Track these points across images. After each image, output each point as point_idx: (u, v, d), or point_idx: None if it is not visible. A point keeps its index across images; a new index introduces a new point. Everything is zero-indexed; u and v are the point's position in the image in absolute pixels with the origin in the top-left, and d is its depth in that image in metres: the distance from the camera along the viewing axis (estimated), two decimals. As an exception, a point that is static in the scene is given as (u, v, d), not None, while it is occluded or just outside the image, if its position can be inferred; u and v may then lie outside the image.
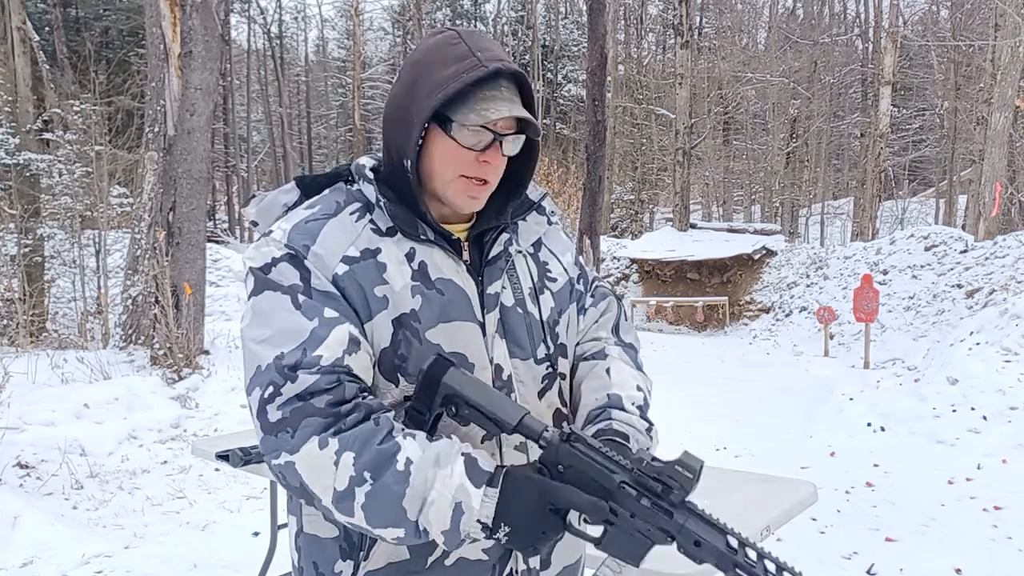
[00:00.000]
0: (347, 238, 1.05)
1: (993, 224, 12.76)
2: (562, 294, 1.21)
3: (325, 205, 1.08)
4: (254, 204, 1.15)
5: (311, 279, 1.01)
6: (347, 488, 0.93)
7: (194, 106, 7.19)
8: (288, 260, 1.02)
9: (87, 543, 3.61)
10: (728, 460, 5.33)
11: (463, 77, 1.01)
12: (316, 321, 0.98)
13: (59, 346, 8.20)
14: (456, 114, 1.03)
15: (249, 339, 1.01)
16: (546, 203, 1.26)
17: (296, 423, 0.94)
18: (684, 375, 9.10)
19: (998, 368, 5.66)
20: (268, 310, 1.00)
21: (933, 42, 23.16)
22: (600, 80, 12.06)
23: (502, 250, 1.14)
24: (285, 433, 0.94)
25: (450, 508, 0.93)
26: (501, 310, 1.11)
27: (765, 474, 2.20)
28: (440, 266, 1.07)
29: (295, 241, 1.03)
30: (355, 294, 1.02)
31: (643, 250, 17.13)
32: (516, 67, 1.06)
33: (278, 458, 0.95)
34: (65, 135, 10.87)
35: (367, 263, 1.04)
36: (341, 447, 0.94)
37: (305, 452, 0.94)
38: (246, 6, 32.93)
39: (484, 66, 1.02)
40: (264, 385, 0.96)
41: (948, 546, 3.65)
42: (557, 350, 1.18)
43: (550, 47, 34.61)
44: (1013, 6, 12.31)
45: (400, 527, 0.95)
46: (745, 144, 26.96)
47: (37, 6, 18.88)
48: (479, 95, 1.03)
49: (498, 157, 1.06)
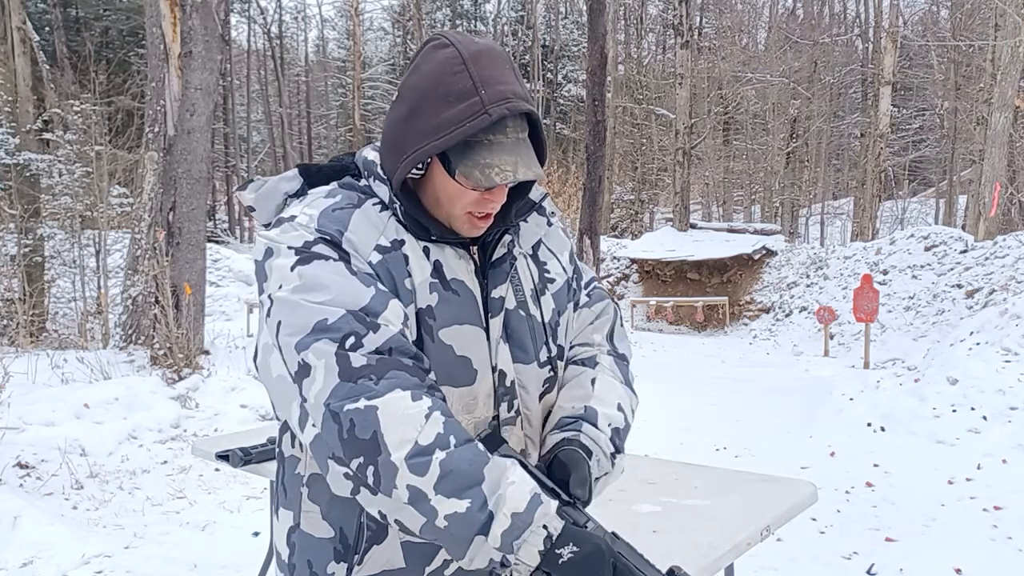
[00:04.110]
0: (376, 228, 1.03)
1: (993, 224, 12.76)
2: (560, 294, 1.19)
3: (346, 196, 1.06)
4: (252, 189, 1.12)
5: (351, 261, 0.99)
6: (431, 444, 0.90)
7: (194, 106, 7.19)
8: (325, 242, 0.99)
9: (87, 543, 3.61)
10: (728, 460, 5.32)
11: (464, 127, 0.97)
12: (373, 289, 0.97)
13: (59, 346, 8.21)
14: (458, 162, 1.00)
15: (302, 299, 0.95)
16: (546, 204, 1.24)
17: (383, 372, 0.92)
18: (684, 375, 9.09)
19: (998, 368, 5.66)
20: (322, 276, 0.96)
21: (933, 42, 23.16)
22: (600, 80, 12.07)
23: (506, 252, 1.12)
24: (368, 380, 0.91)
25: (529, 495, 0.90)
26: (505, 314, 1.09)
27: (765, 474, 2.20)
28: (453, 267, 1.06)
29: (327, 227, 1.00)
30: (388, 282, 1.00)
31: (643, 250, 17.13)
32: (525, 106, 1.01)
33: (356, 402, 0.90)
34: (65, 135, 10.88)
35: (396, 254, 1.02)
36: (434, 407, 0.92)
37: (393, 399, 0.90)
38: (246, 6, 32.93)
39: (487, 114, 0.97)
40: (342, 333, 0.93)
41: (948, 546, 3.65)
42: (558, 352, 1.16)
43: (550, 47, 34.60)
44: (1013, 6, 12.31)
45: (468, 497, 0.89)
46: (745, 144, 26.95)
47: (37, 6, 18.88)
48: (483, 142, 0.99)
49: (503, 197, 1.05)
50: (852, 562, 3.51)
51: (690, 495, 1.98)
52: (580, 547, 0.88)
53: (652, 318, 15.86)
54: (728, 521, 1.77)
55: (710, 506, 1.89)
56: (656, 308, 15.67)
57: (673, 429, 6.16)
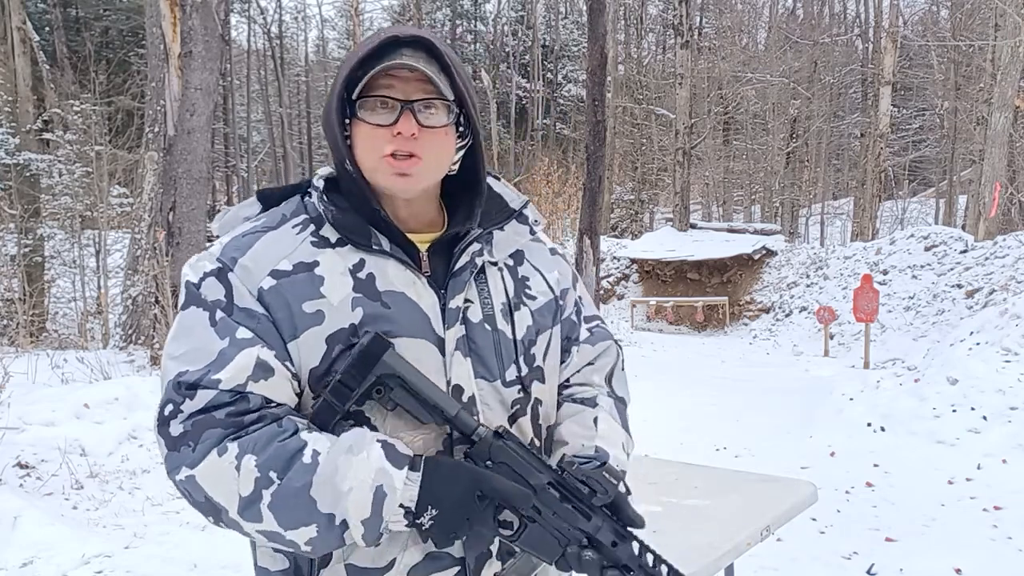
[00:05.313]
0: (282, 251, 1.00)
1: (993, 224, 12.77)
2: (543, 313, 1.13)
3: (270, 217, 1.04)
4: (218, 219, 1.09)
5: (234, 295, 0.97)
6: (253, 492, 0.89)
7: (194, 106, 7.19)
8: (216, 274, 0.98)
9: (87, 543, 3.61)
10: (728, 460, 5.32)
11: (358, 54, 0.99)
12: (227, 341, 0.94)
13: (59, 346, 8.21)
14: (360, 98, 1.00)
15: (165, 354, 0.98)
16: (528, 211, 1.18)
17: (197, 435, 0.91)
18: (684, 375, 9.09)
19: (998, 368, 5.66)
20: (189, 326, 0.97)
21: (933, 42, 23.16)
22: (600, 80, 12.05)
23: (468, 261, 1.06)
24: (187, 447, 0.91)
25: (371, 492, 0.89)
26: (467, 326, 1.03)
27: (765, 474, 2.20)
28: (392, 278, 1.01)
29: (226, 254, 0.99)
30: (280, 311, 0.97)
31: (643, 250, 17.12)
32: (417, 32, 1.00)
33: (179, 474, 0.91)
34: (65, 135, 10.88)
35: (299, 277, 0.98)
36: (241, 451, 0.90)
37: (207, 463, 0.90)
38: (246, 6, 32.91)
39: (378, 38, 0.99)
40: (164, 401, 0.93)
41: (948, 546, 3.65)
42: (532, 372, 1.09)
43: (550, 47, 34.59)
44: (1013, 6, 12.31)
45: (312, 522, 0.89)
46: (745, 144, 26.94)
47: (37, 6, 18.89)
48: (380, 75, 0.98)
49: (413, 127, 0.99)
50: (852, 562, 3.51)
51: (690, 495, 1.98)
52: (439, 507, 0.91)
53: (652, 318, 15.86)
54: (728, 521, 1.77)
55: (710, 506, 1.89)
56: (656, 308, 15.67)
57: (673, 429, 6.15)
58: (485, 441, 0.96)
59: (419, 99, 0.99)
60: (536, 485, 0.97)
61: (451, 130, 1.04)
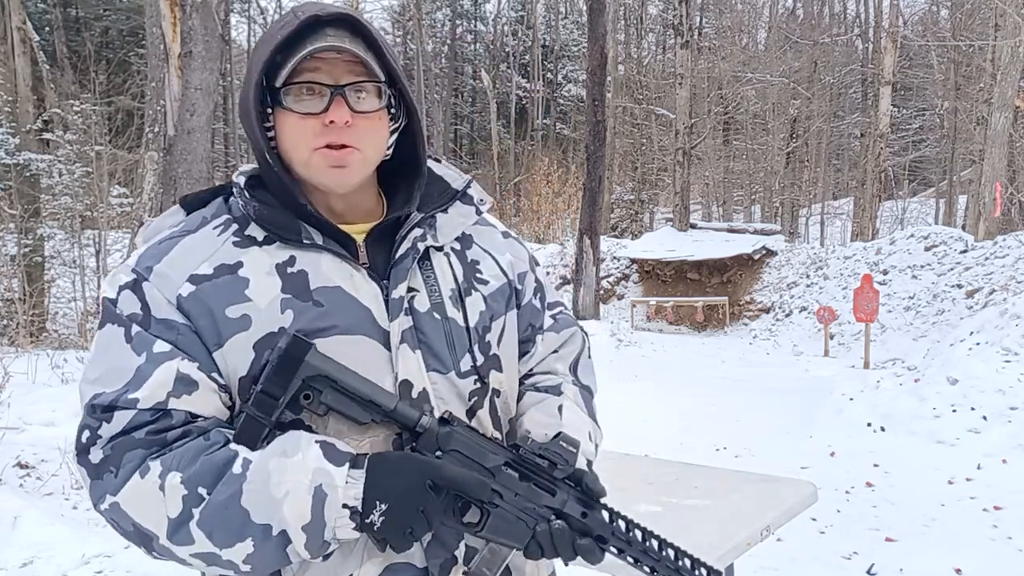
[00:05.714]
0: (201, 254, 0.93)
1: (993, 224, 12.78)
2: (495, 298, 1.06)
3: (189, 222, 0.98)
4: (141, 232, 1.01)
5: (151, 306, 0.90)
6: (182, 512, 0.82)
7: (194, 106, 7.19)
8: (131, 287, 0.91)
9: (87, 543, 3.61)
10: (728, 460, 5.32)
11: (276, 37, 0.91)
12: (144, 357, 0.87)
13: (59, 346, 8.21)
14: (284, 86, 0.92)
15: (82, 378, 0.91)
16: (472, 191, 1.10)
17: (118, 460, 0.84)
18: (684, 375, 9.10)
19: (998, 368, 5.66)
20: (104, 345, 0.90)
21: (933, 42, 23.16)
22: (600, 80, 12.07)
23: (410, 247, 0.99)
24: (109, 473, 0.84)
25: (309, 494, 0.83)
26: (414, 317, 0.97)
27: (765, 474, 2.20)
28: (327, 273, 0.94)
29: (141, 264, 0.92)
30: (202, 318, 0.90)
31: (643, 250, 17.12)
32: (338, 9, 0.93)
33: (104, 503, 0.85)
34: (65, 135, 10.88)
35: (220, 280, 0.91)
36: (165, 468, 0.83)
37: (130, 488, 0.83)
38: (246, 6, 32.92)
39: (294, 15, 0.91)
40: (82, 428, 0.87)
41: (948, 546, 3.65)
42: (488, 362, 1.02)
43: (550, 47, 34.61)
44: (1013, 6, 12.31)
45: (247, 536, 0.82)
46: (745, 144, 26.94)
47: (37, 6, 18.89)
48: (305, 59, 0.91)
49: (347, 114, 0.92)
50: (852, 562, 3.51)
51: (690, 495, 1.98)
52: (387, 500, 0.84)
53: (652, 318, 15.86)
54: (728, 521, 1.77)
55: (710, 506, 1.89)
56: (656, 308, 15.67)
57: (673, 429, 6.16)
58: (431, 431, 0.89)
59: (350, 83, 0.92)
60: (492, 468, 0.90)
61: (384, 113, 0.97)
